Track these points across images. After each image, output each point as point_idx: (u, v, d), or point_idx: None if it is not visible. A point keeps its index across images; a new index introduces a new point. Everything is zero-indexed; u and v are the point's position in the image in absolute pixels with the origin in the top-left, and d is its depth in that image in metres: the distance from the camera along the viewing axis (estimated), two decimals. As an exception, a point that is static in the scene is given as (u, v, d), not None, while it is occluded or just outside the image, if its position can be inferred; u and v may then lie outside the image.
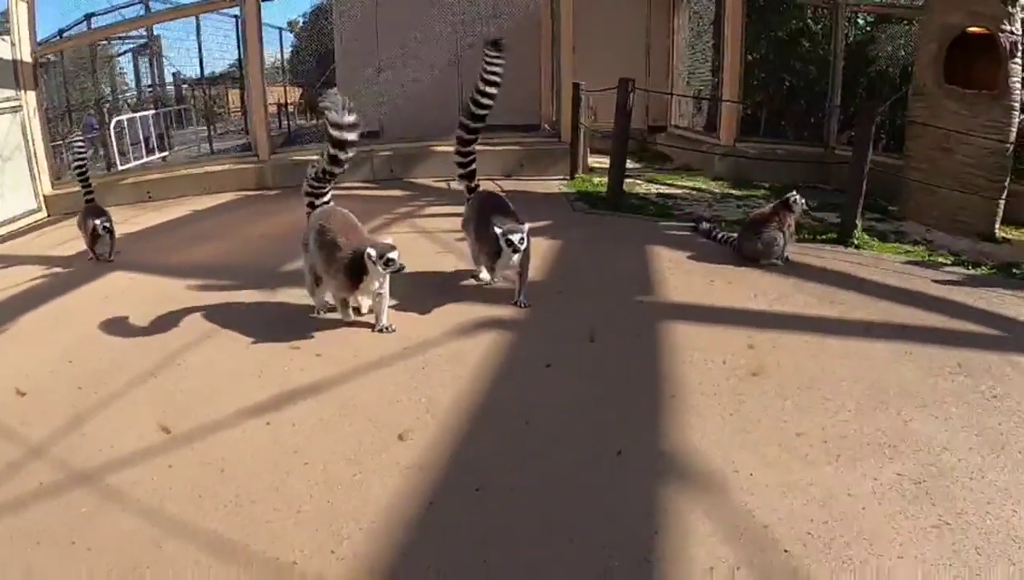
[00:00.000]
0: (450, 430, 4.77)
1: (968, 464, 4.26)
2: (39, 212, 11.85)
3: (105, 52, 15.83)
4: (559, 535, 3.79)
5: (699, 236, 8.97)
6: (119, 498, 4.07)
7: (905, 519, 3.81)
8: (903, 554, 3.56)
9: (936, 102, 9.86)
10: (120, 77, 16.80)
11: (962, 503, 3.92)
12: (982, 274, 7.74)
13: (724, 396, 5.09)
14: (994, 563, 3.49)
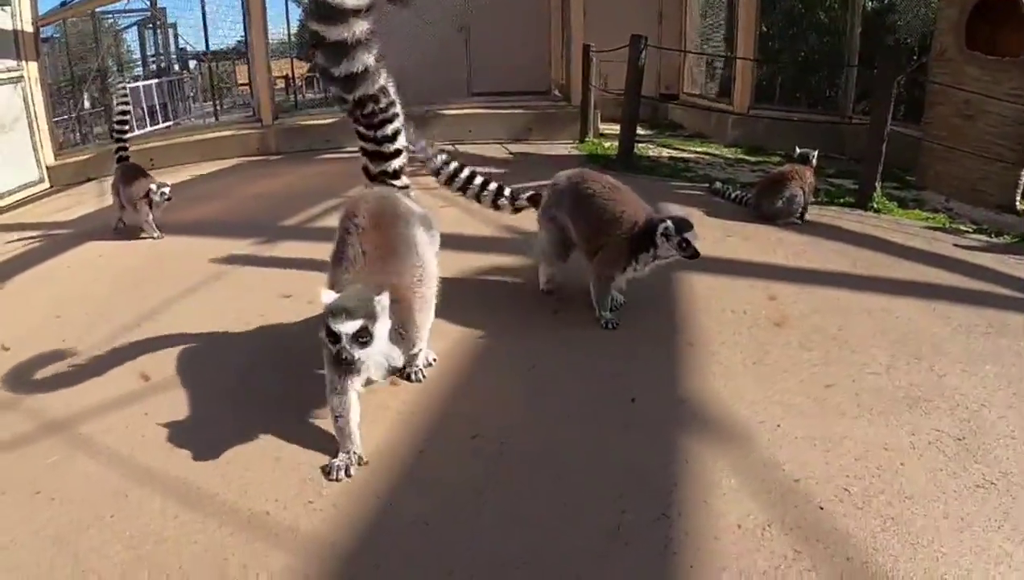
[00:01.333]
0: (447, 375, 4.50)
1: (1009, 423, 3.94)
2: (41, 183, 11.57)
3: (111, 27, 15.71)
4: (563, 486, 3.50)
5: (712, 196, 8.71)
6: (89, 447, 3.86)
7: (948, 477, 3.49)
8: (948, 514, 3.24)
9: (958, 68, 9.53)
10: (127, 52, 16.73)
11: (1006, 463, 3.60)
12: (1005, 242, 7.41)
13: (746, 346, 4.79)
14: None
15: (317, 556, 3.05)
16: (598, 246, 5.05)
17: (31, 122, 11.43)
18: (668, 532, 3.15)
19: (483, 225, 7.42)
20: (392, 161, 4.93)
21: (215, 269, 6.44)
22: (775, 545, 3.07)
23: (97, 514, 3.32)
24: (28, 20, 11.36)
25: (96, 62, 14.28)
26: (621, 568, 2.98)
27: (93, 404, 4.28)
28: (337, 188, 8.95)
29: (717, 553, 3.03)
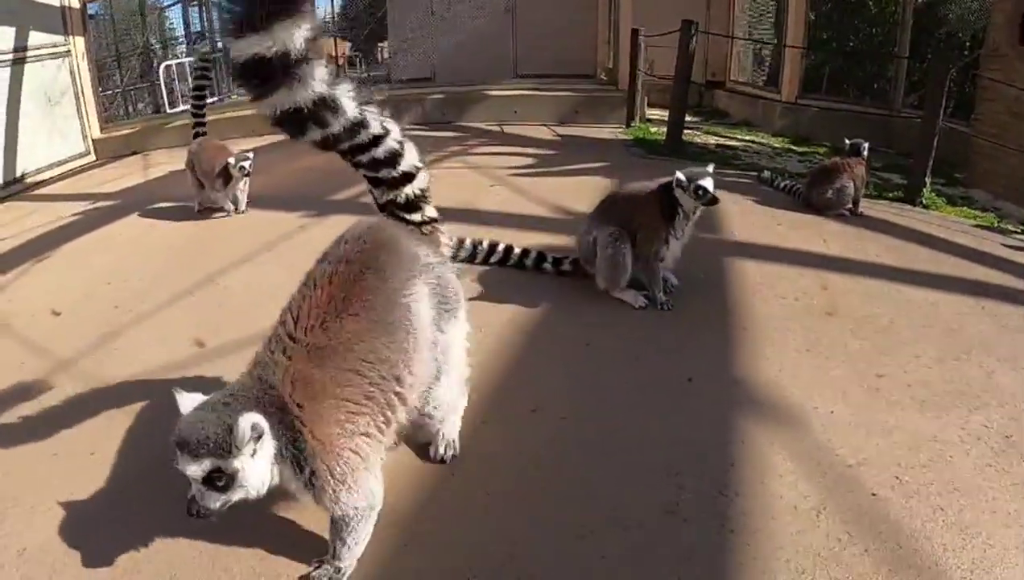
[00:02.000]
0: (506, 350, 4.58)
1: (1056, 422, 3.93)
2: (88, 155, 11.83)
3: (154, 4, 15.85)
4: (621, 461, 3.57)
5: (761, 185, 8.68)
6: (143, 408, 3.99)
7: (996, 473, 3.52)
8: (996, 509, 3.27)
9: (1009, 65, 9.44)
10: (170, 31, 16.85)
11: (1053, 461, 3.61)
12: (1052, 237, 7.39)
13: (798, 332, 4.84)
14: None
15: (381, 527, 3.00)
16: (635, 232, 5.12)
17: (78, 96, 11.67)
18: (725, 510, 3.22)
19: (533, 205, 7.49)
20: (400, 189, 3.39)
21: (264, 241, 6.52)
22: (829, 528, 3.13)
23: (142, 475, 3.45)
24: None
25: (142, 38, 14.41)
26: (679, 543, 3.06)
27: (147, 369, 4.40)
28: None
29: (774, 533, 3.10)
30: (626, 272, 5.13)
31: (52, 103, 11.10)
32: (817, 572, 2.90)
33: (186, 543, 3.06)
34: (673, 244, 5.11)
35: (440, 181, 8.09)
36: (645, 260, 5.13)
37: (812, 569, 2.91)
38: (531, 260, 5.66)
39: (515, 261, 5.64)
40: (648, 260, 5.11)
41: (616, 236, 5.09)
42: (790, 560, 2.95)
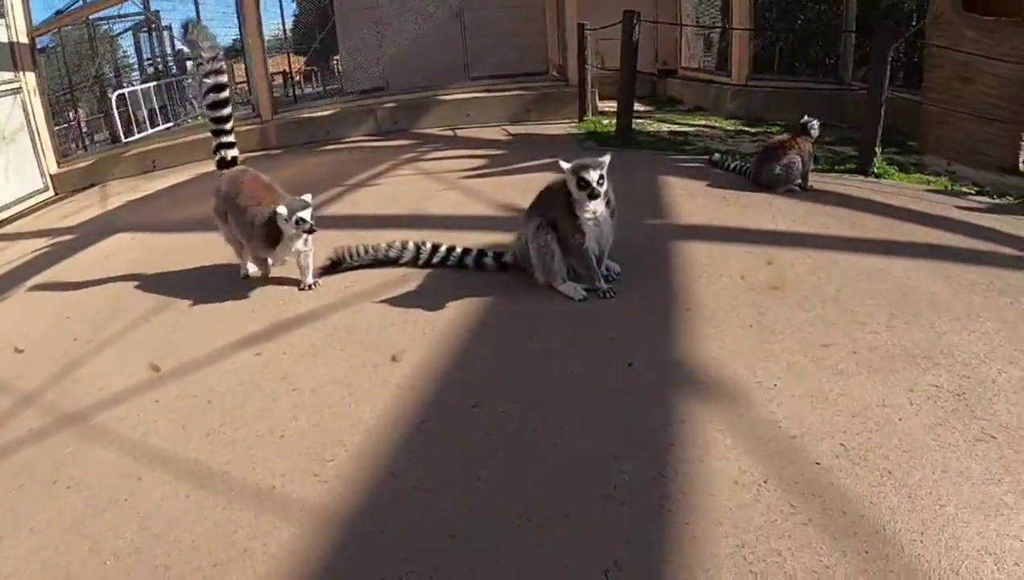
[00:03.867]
0: (447, 348, 4.54)
1: (1010, 378, 3.90)
2: (47, 191, 11.68)
3: (106, 33, 15.72)
4: (561, 449, 3.52)
5: (712, 167, 8.65)
6: (103, 436, 3.97)
7: (947, 431, 3.47)
8: (947, 468, 3.22)
9: (955, 31, 9.45)
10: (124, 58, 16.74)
11: (1006, 417, 3.57)
12: (1007, 204, 7.37)
13: (743, 309, 4.78)
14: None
15: (323, 525, 3.12)
16: (554, 223, 5.09)
17: (32, 132, 11.50)
18: (664, 491, 3.16)
19: (482, 205, 7.47)
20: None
21: (220, 261, 6.43)
22: (771, 500, 3.07)
23: (112, 498, 3.42)
24: (23, 31, 11.46)
25: (93, 68, 14.29)
26: (617, 526, 3.00)
27: (106, 396, 4.37)
28: (338, 178, 9.01)
29: (713, 509, 3.04)
30: (556, 261, 5.06)
31: (6, 141, 10.96)
32: (758, 545, 2.84)
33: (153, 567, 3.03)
34: (590, 232, 5.01)
35: (391, 189, 8.17)
36: (571, 250, 5.07)
37: (753, 542, 2.85)
38: (471, 258, 5.62)
39: (456, 261, 5.59)
40: (573, 250, 5.05)
41: (539, 227, 5.07)
42: (729, 535, 2.89)
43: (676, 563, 2.80)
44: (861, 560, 2.76)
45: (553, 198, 5.17)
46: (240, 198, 5.58)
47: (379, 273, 5.66)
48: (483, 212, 7.27)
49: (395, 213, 7.42)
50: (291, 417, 3.93)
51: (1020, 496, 3.04)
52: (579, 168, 4.87)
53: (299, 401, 4.08)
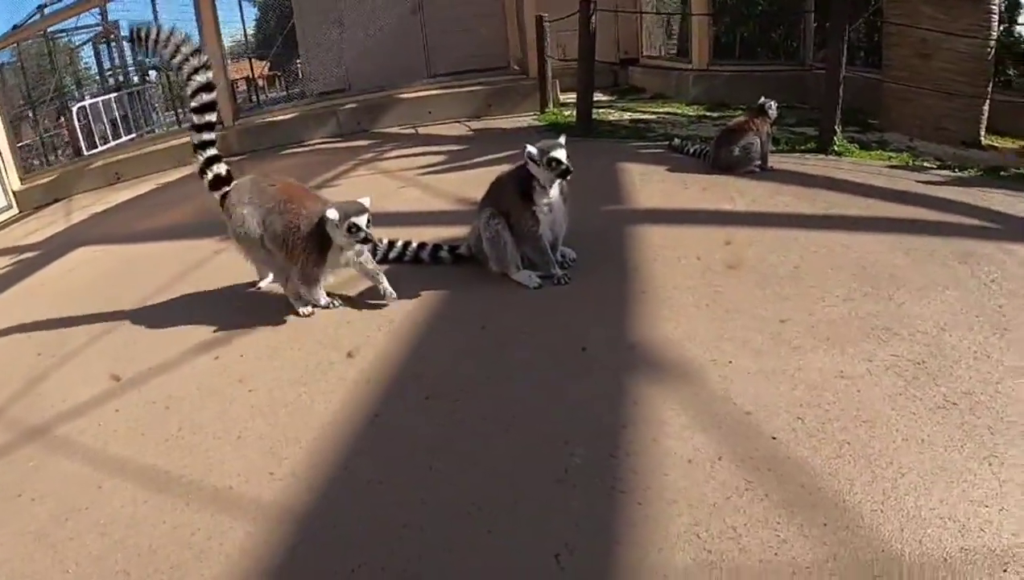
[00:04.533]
0: (402, 342, 4.50)
1: (971, 344, 3.88)
2: (10, 209, 11.50)
3: (65, 46, 15.58)
4: (514, 436, 3.47)
5: (673, 152, 8.60)
6: (66, 447, 3.94)
7: (907, 400, 3.44)
8: (908, 436, 3.19)
9: (912, 8, 9.48)
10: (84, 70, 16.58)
11: (968, 383, 3.55)
12: (969, 176, 7.37)
13: (699, 290, 4.73)
14: (1010, 443, 3.12)
15: (278, 522, 3.10)
16: (506, 212, 5.06)
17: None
18: (616, 472, 3.11)
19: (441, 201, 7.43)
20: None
21: (180, 270, 6.37)
22: (726, 477, 3.02)
23: (74, 507, 3.40)
24: (-24, 47, 11.27)
25: (54, 81, 14.16)
26: (569, 510, 2.95)
27: (69, 408, 4.33)
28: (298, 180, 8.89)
29: (666, 488, 2.99)
30: (509, 250, 5.02)
31: (-35, 160, 10.75)
32: (712, 522, 2.79)
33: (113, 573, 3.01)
34: (544, 218, 4.97)
35: (351, 189, 8.10)
36: (525, 238, 5.02)
37: (707, 520, 2.80)
38: (427, 253, 5.57)
39: (412, 255, 5.53)
40: (527, 238, 5.00)
41: (490, 217, 5.03)
42: (683, 514, 2.84)
43: (628, 544, 2.75)
44: (819, 532, 2.72)
45: (504, 188, 5.13)
46: (278, 209, 4.89)
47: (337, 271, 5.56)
48: (441, 207, 7.21)
49: (356, 212, 7.38)
50: (248, 418, 3.90)
51: (983, 462, 3.01)
52: (547, 148, 4.87)
53: (256, 402, 4.04)
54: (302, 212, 4.82)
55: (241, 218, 4.94)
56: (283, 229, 4.83)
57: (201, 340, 4.89)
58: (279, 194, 4.96)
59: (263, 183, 5.08)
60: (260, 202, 4.95)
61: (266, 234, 4.91)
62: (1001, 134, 9.66)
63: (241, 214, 4.95)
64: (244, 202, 4.98)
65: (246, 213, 4.94)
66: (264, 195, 4.97)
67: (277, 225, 4.86)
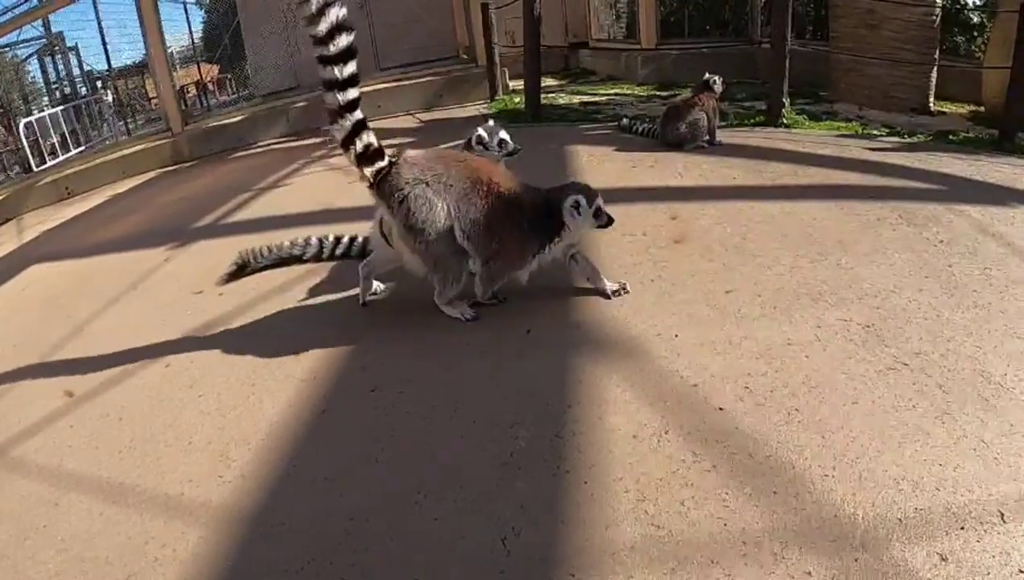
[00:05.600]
0: (347, 338, 4.43)
1: (920, 304, 3.88)
2: None
3: (10, 60, 15.39)
4: (459, 422, 3.43)
5: (622, 132, 8.59)
6: (22, 467, 3.87)
7: (856, 363, 3.43)
8: (857, 399, 3.18)
9: (858, -22, 9.56)
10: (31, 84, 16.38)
11: (918, 342, 3.55)
12: (918, 141, 7.42)
13: (644, 265, 4.72)
14: (964, 400, 3.12)
15: (228, 524, 3.07)
16: None
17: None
18: (561, 452, 3.08)
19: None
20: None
21: (131, 280, 6.28)
22: (671, 450, 2.99)
23: (32, 526, 3.34)
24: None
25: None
26: (514, 493, 2.92)
27: (24, 428, 4.26)
28: (249, 182, 8.87)
29: (611, 466, 2.95)
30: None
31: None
32: (659, 496, 2.76)
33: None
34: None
35: (300, 188, 8.03)
36: None
37: (654, 495, 2.77)
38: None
39: (359, 250, 5.44)
40: None
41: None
42: (629, 490, 2.81)
43: (575, 523, 2.71)
44: (769, 501, 2.69)
45: None
46: (477, 191, 4.03)
47: (284, 272, 5.48)
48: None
49: (305, 211, 7.29)
50: (198, 424, 3.86)
51: (936, 420, 3.00)
52: (494, 130, 4.98)
53: (205, 407, 4.00)
54: (512, 194, 4.08)
55: (425, 202, 3.95)
56: (490, 216, 4.02)
57: (152, 349, 4.83)
58: (472, 172, 4.07)
59: (447, 157, 4.16)
60: (449, 181, 4.01)
61: (460, 223, 4.01)
62: (951, 100, 9.75)
63: (425, 197, 3.95)
64: (425, 181, 3.98)
65: (431, 195, 3.96)
66: (451, 173, 4.04)
67: (478, 211, 4.01)
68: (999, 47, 8.46)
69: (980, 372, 3.30)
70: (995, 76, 8.29)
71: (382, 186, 4.04)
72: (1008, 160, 6.63)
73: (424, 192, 3.93)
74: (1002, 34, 8.42)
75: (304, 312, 4.93)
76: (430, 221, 3.93)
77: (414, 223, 3.94)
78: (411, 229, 3.96)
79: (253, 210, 7.85)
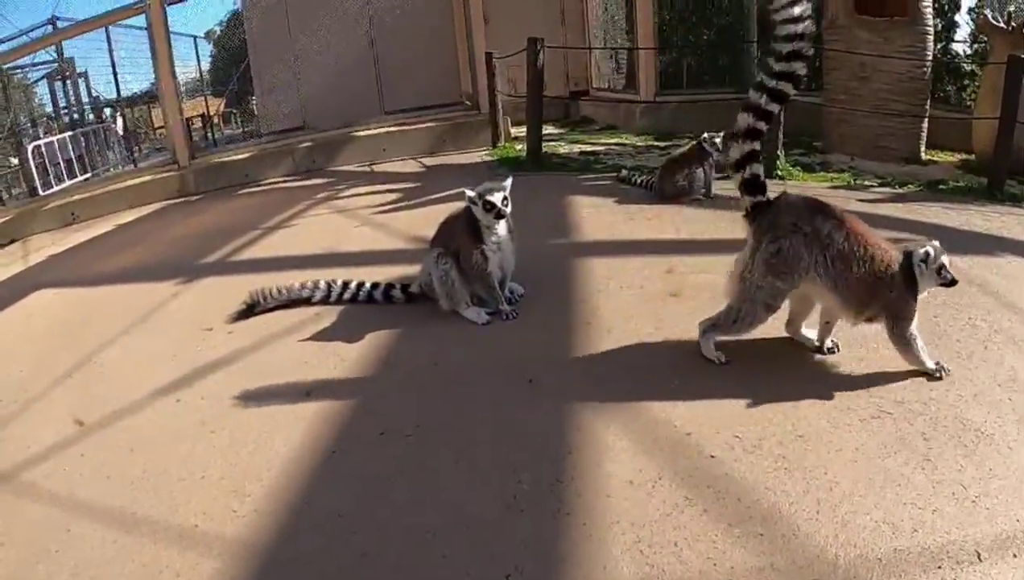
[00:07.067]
0: (357, 380, 4.58)
1: (906, 354, 4.03)
2: None
3: (20, 82, 15.51)
4: (465, 465, 3.58)
5: (620, 184, 8.78)
6: (32, 492, 3.93)
7: (840, 412, 3.61)
8: (841, 447, 3.35)
9: (849, 33, 9.79)
10: (39, 107, 16.48)
11: (902, 392, 3.74)
12: (909, 191, 7.61)
13: (641, 318, 4.87)
14: (944, 447, 3.31)
15: (242, 558, 3.15)
16: (456, 252, 5.18)
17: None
18: (562, 496, 3.23)
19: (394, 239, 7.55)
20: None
21: (139, 313, 6.37)
22: (666, 495, 3.15)
23: (44, 550, 3.40)
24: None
25: (8, 118, 14.11)
26: (517, 533, 3.07)
27: (33, 454, 4.33)
28: (256, 221, 8.99)
29: (609, 509, 3.11)
30: (458, 288, 5.13)
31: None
32: (654, 538, 2.91)
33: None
34: (493, 257, 5.10)
35: (306, 229, 8.21)
36: (474, 276, 5.14)
37: (649, 537, 2.92)
38: (380, 292, 5.63)
39: (366, 295, 5.62)
40: (476, 276, 5.13)
41: (439, 256, 5.15)
42: (626, 532, 2.96)
43: (574, 563, 2.86)
44: (757, 543, 2.85)
45: (452, 228, 5.25)
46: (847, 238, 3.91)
47: (293, 313, 5.64)
48: (395, 246, 7.32)
49: (311, 253, 7.44)
50: (210, 459, 3.95)
51: (916, 467, 3.17)
52: (483, 192, 4.99)
53: (217, 443, 4.09)
54: (885, 254, 3.96)
55: (794, 254, 3.92)
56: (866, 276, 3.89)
57: (163, 383, 4.91)
58: (850, 232, 3.95)
59: (826, 210, 4.07)
60: (825, 238, 3.92)
61: (822, 268, 3.92)
62: (941, 148, 9.96)
63: (796, 249, 3.92)
64: (803, 232, 3.94)
65: (802, 248, 3.92)
66: (828, 227, 3.95)
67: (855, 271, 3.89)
68: (988, 97, 8.70)
69: (961, 419, 3.47)
70: (985, 125, 8.51)
71: (757, 219, 4.08)
72: (996, 209, 6.85)
73: (796, 243, 3.90)
74: (991, 84, 8.66)
75: (313, 353, 5.02)
76: (785, 272, 3.94)
77: (771, 267, 3.95)
78: (767, 267, 3.97)
79: (260, 249, 7.97)
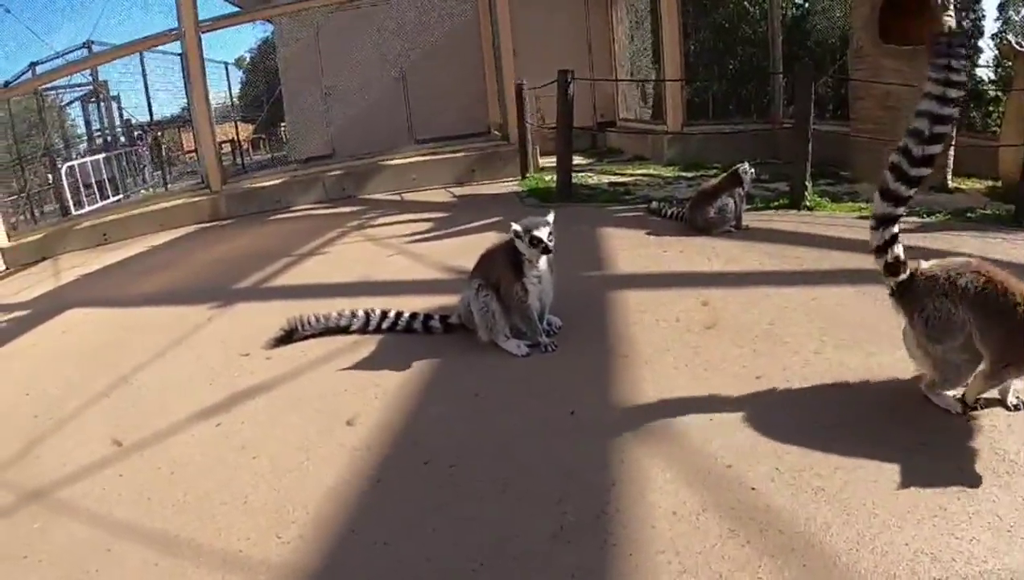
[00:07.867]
0: (398, 410, 4.65)
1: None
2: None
3: (54, 103, 15.70)
4: (509, 496, 3.64)
5: (651, 216, 8.87)
6: (70, 511, 4.00)
7: (876, 446, 3.64)
8: (879, 478, 3.39)
9: (875, 62, 9.83)
10: (72, 128, 16.65)
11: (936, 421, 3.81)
12: (937, 221, 7.64)
13: (678, 350, 4.95)
14: (979, 477, 3.35)
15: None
16: (497, 284, 5.27)
17: (-21, 207, 11.21)
18: (607, 527, 3.29)
19: (429, 269, 7.66)
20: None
21: (174, 336, 6.49)
22: (710, 526, 3.21)
23: (83, 570, 3.45)
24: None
25: (43, 139, 14.27)
26: (564, 563, 3.12)
27: (70, 472, 4.40)
28: (288, 247, 9.17)
29: (654, 540, 3.17)
30: (498, 320, 5.21)
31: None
32: (699, 569, 2.97)
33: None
34: (533, 289, 5.17)
35: (339, 257, 8.33)
36: (514, 308, 5.21)
37: (694, 567, 2.98)
38: (419, 322, 5.72)
39: (405, 325, 5.71)
40: (516, 308, 5.20)
41: (480, 287, 5.23)
42: (671, 562, 3.02)
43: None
44: (798, 573, 2.90)
45: (494, 261, 5.33)
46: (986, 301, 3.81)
47: (331, 341, 5.74)
48: (429, 276, 7.42)
49: (346, 281, 7.57)
50: (253, 484, 4.01)
51: (954, 498, 3.20)
52: (530, 227, 5.04)
53: (259, 468, 4.16)
54: None
55: (943, 315, 3.90)
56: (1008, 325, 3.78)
57: (201, 407, 5.00)
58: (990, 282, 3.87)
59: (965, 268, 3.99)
60: (969, 293, 3.87)
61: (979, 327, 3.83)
62: (968, 176, 9.95)
63: (943, 310, 3.89)
64: (944, 293, 3.92)
65: (949, 306, 3.88)
66: (969, 282, 3.90)
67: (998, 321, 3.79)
68: (1013, 123, 8.71)
69: (995, 450, 3.52)
70: (1010, 152, 8.52)
71: (904, 297, 4.14)
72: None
73: (943, 305, 3.90)
74: (1016, 110, 8.69)
75: (353, 382, 5.09)
76: (946, 332, 3.90)
77: (931, 334, 3.95)
78: (929, 338, 3.97)
79: (294, 276, 8.13)
